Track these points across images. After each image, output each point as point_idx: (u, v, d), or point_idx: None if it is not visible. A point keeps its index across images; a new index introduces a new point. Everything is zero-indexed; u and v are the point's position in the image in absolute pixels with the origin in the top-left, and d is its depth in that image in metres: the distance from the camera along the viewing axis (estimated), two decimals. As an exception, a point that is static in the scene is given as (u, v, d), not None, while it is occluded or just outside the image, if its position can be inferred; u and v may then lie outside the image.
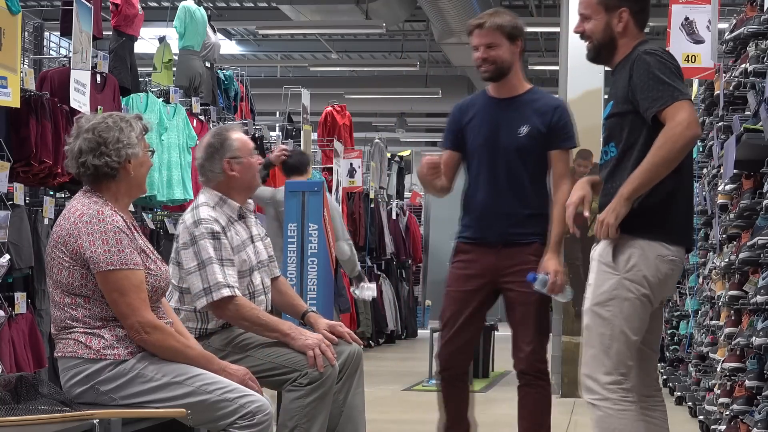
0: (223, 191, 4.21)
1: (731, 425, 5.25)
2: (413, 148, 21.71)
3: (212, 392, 3.47)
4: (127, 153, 3.50)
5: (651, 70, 3.55)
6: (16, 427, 3.11)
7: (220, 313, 4.08)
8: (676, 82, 3.55)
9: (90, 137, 3.50)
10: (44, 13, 11.50)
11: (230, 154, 4.18)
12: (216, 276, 4.01)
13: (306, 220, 5.95)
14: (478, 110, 4.56)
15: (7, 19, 5.35)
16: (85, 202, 3.50)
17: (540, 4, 14.55)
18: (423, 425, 7.20)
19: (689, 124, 3.47)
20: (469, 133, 4.55)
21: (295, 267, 5.96)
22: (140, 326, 3.43)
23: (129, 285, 3.42)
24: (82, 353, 3.45)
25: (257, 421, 3.48)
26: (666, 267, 3.62)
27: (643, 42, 3.73)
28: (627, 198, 3.52)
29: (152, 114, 7.65)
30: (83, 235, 3.42)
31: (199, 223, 4.06)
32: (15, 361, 5.46)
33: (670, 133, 3.48)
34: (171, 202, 7.83)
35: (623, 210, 3.53)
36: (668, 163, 3.49)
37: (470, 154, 4.58)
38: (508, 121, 4.49)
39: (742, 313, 5.50)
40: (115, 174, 3.51)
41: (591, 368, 3.63)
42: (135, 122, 3.59)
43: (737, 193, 5.61)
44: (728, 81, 5.78)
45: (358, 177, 12.33)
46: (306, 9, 13.63)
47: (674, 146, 3.48)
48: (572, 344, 8.42)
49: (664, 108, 3.51)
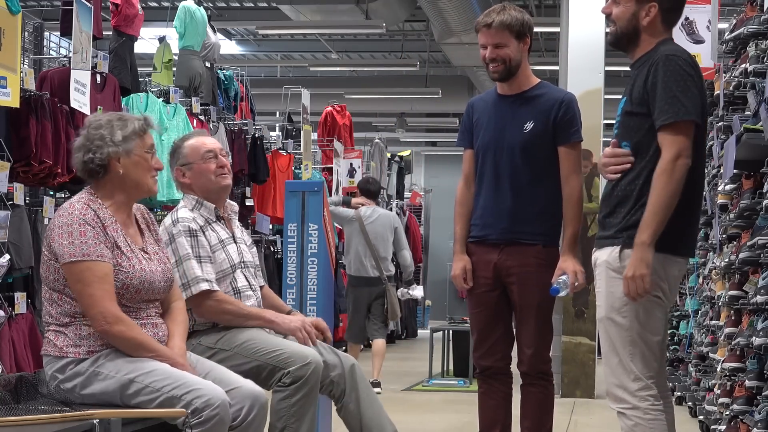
0: (196, 194, 4.31)
1: (731, 425, 5.25)
2: (413, 148, 21.71)
3: (160, 390, 3.42)
4: (109, 152, 3.53)
5: (666, 79, 3.50)
6: (16, 427, 3.10)
7: (201, 310, 4.12)
8: (687, 95, 3.49)
9: (85, 133, 3.58)
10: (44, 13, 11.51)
11: (181, 161, 4.32)
12: (194, 271, 4.09)
13: (306, 220, 5.94)
14: (486, 108, 4.53)
15: (7, 19, 5.35)
16: (75, 197, 3.57)
17: (540, 4, 14.54)
18: (423, 425, 7.20)
19: (678, 156, 3.44)
20: (477, 132, 4.51)
21: (295, 267, 5.95)
22: (102, 317, 3.43)
23: (91, 276, 3.42)
24: (51, 351, 3.50)
25: (205, 417, 3.38)
26: (674, 269, 3.60)
27: (667, 40, 3.66)
28: (649, 244, 3.45)
29: (152, 114, 7.65)
30: (55, 229, 3.48)
31: (176, 222, 4.17)
32: (15, 361, 5.46)
33: (665, 169, 3.45)
34: (171, 202, 7.83)
35: (648, 255, 3.45)
36: (673, 198, 3.46)
37: (477, 153, 4.52)
38: (514, 118, 4.43)
39: (742, 313, 5.50)
40: (101, 171, 3.54)
41: (618, 376, 3.57)
42: (131, 122, 3.61)
43: (737, 193, 5.61)
44: (728, 81, 5.78)
45: (358, 177, 12.32)
46: (306, 9, 13.62)
47: (672, 182, 3.45)
48: (572, 344, 8.42)
49: (665, 124, 3.48)
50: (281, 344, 4.09)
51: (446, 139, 24.13)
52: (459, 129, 4.68)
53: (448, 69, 18.18)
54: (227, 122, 9.22)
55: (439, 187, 23.53)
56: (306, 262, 5.95)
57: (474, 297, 4.53)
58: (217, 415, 3.39)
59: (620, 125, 3.68)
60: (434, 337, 10.55)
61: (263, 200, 9.93)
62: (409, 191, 18.94)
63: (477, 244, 4.52)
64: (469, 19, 12.46)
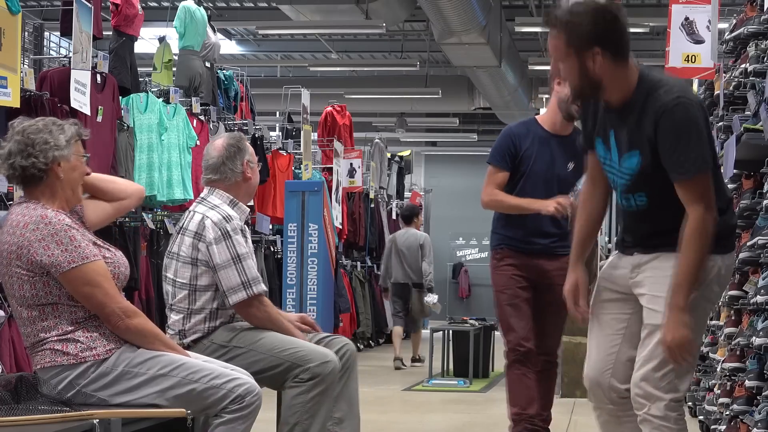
0: (233, 194, 4.27)
1: (731, 425, 5.25)
2: (413, 148, 21.70)
3: (198, 380, 3.48)
4: (54, 155, 3.47)
5: (677, 130, 3.33)
6: (16, 427, 3.11)
7: (250, 311, 4.13)
8: (701, 142, 3.34)
9: (19, 139, 3.47)
10: (44, 13, 11.52)
11: (248, 157, 4.31)
12: (253, 271, 4.11)
13: (306, 220, 5.94)
14: (534, 140, 5.20)
15: (7, 19, 5.35)
16: (23, 212, 3.46)
17: (540, 4, 14.54)
18: (423, 425, 7.20)
19: (706, 212, 3.32)
20: (526, 160, 5.18)
21: (295, 267, 5.96)
22: (121, 312, 3.43)
23: (96, 276, 3.41)
24: (61, 360, 3.43)
25: (247, 403, 3.50)
26: (725, 278, 3.54)
27: (644, 70, 3.45)
28: (683, 307, 3.34)
29: (152, 114, 7.65)
30: (34, 243, 3.38)
31: (230, 219, 4.13)
32: (15, 361, 5.46)
33: (697, 229, 3.32)
34: (171, 202, 7.83)
35: (686, 317, 3.34)
36: (703, 256, 3.36)
37: (525, 178, 5.18)
38: (560, 157, 5.16)
39: (742, 313, 5.50)
40: (43, 176, 3.48)
41: (654, 383, 3.44)
42: (68, 127, 3.55)
43: (737, 193, 5.61)
44: (728, 81, 5.78)
45: (358, 177, 12.33)
46: (306, 9, 13.61)
47: (702, 240, 3.33)
48: (572, 344, 8.42)
49: (683, 180, 3.35)
50: (298, 342, 4.12)
51: (446, 139, 24.14)
52: (496, 148, 5.27)
53: (448, 69, 18.18)
54: (227, 122, 9.23)
55: (439, 187, 23.55)
56: (306, 262, 5.96)
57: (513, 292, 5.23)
58: (257, 402, 3.54)
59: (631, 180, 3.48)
60: (434, 337, 10.55)
61: (263, 200, 9.93)
62: (409, 191, 18.95)
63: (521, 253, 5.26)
64: (469, 19, 12.46)
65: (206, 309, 4.13)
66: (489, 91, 16.69)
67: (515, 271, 5.20)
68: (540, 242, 5.18)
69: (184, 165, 7.78)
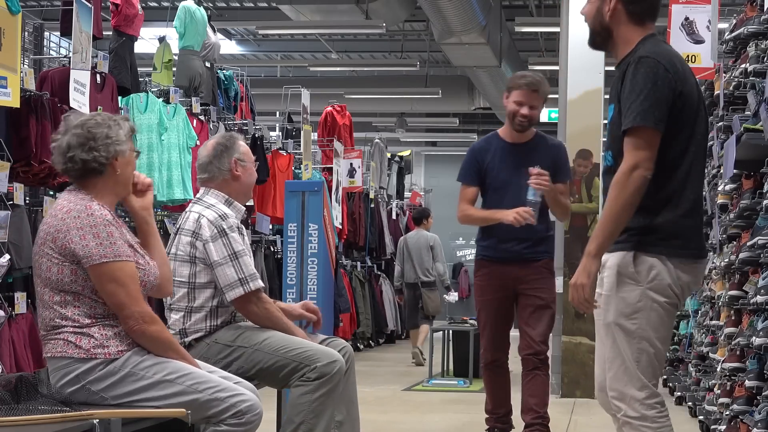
0: (227, 192, 4.31)
1: (731, 425, 5.25)
2: (413, 148, 21.72)
3: (203, 391, 3.48)
4: (115, 150, 3.51)
5: (634, 82, 3.38)
6: (16, 427, 3.10)
7: (248, 307, 4.15)
8: (651, 98, 3.35)
9: (79, 132, 3.50)
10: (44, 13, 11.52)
11: (237, 155, 4.32)
12: (250, 267, 4.14)
13: (306, 220, 5.94)
14: (495, 153, 5.50)
15: (7, 19, 5.35)
16: (71, 199, 3.50)
17: (540, 4, 14.55)
18: (423, 425, 7.20)
19: (634, 167, 3.33)
20: (490, 172, 5.48)
21: (295, 267, 5.96)
22: (140, 316, 3.44)
23: (125, 276, 3.42)
24: (72, 353, 3.43)
25: (246, 420, 3.50)
26: (686, 277, 3.48)
27: (647, 39, 3.51)
28: (595, 255, 3.38)
29: (152, 114, 7.65)
30: (72, 231, 3.41)
31: (226, 217, 4.17)
32: (15, 361, 5.46)
33: (618, 180, 3.35)
34: (171, 202, 7.83)
35: (594, 267, 3.38)
36: (625, 210, 3.36)
37: (492, 189, 5.50)
38: (525, 163, 5.25)
39: (742, 313, 5.50)
40: (103, 170, 3.51)
41: (622, 384, 3.46)
42: (123, 122, 3.60)
43: (737, 193, 5.61)
44: (728, 81, 5.78)
45: (358, 177, 12.32)
46: (306, 9, 13.61)
47: (624, 194, 3.34)
48: (572, 344, 8.42)
49: (625, 131, 3.37)
50: (304, 342, 4.14)
51: (446, 139, 24.13)
52: (463, 167, 5.62)
53: (448, 69, 18.18)
54: (227, 122, 9.23)
55: (439, 187, 23.53)
56: (306, 262, 5.95)
57: (488, 302, 5.59)
58: (256, 420, 3.54)
59: (608, 134, 3.57)
60: (434, 337, 10.54)
61: (263, 200, 9.93)
62: (409, 191, 18.95)
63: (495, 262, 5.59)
64: (469, 19, 12.46)
65: (206, 307, 4.14)
66: (489, 91, 16.70)
67: (488, 281, 5.55)
68: (512, 249, 5.45)
69: (184, 165, 7.78)
